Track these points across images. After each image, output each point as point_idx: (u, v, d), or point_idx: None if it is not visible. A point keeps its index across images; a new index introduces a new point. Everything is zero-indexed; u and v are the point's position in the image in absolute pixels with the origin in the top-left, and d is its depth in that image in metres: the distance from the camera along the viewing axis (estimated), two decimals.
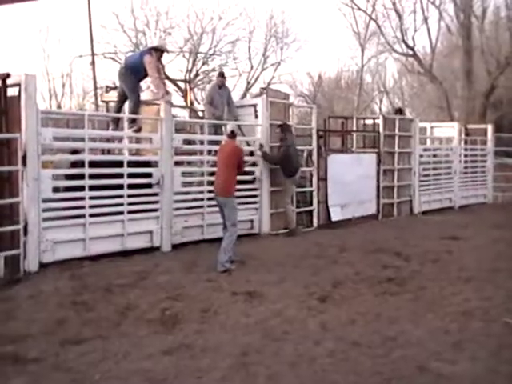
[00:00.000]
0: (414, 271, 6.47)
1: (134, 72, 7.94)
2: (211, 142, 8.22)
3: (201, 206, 7.92)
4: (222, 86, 9.47)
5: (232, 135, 6.98)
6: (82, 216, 6.61)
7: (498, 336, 4.39)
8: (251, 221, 8.66)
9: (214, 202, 7.15)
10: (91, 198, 6.69)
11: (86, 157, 6.75)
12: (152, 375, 3.61)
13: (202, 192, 7.98)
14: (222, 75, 9.97)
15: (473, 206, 13.09)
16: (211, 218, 7.81)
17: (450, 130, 13.61)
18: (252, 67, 26.73)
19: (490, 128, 14.38)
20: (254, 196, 8.78)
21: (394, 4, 22.71)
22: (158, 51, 8.14)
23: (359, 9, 25.01)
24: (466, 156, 13.47)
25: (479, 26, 20.69)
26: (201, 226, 7.90)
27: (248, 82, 26.82)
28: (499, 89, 20.14)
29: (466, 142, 13.86)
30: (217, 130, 8.77)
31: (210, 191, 7.60)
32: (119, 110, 8.49)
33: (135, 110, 8.07)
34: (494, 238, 8.67)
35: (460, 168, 13.07)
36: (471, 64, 20.55)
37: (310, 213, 9.64)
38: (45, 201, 6.30)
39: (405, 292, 5.61)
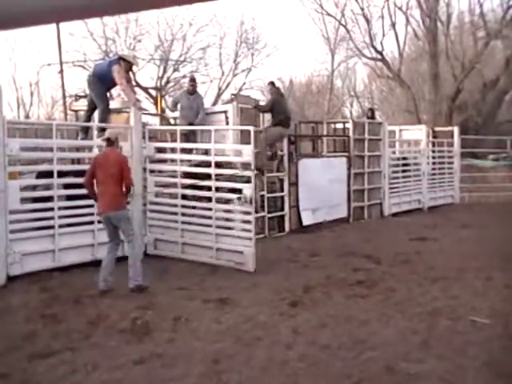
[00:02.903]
0: (384, 273, 6.57)
1: (102, 80, 7.90)
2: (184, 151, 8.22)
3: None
4: (193, 92, 9.49)
5: (110, 142, 5.99)
6: (51, 227, 6.54)
7: (464, 334, 4.49)
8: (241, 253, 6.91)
9: None
10: (60, 208, 6.63)
11: (55, 167, 6.69)
12: None
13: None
14: (192, 80, 10.00)
15: (441, 207, 13.35)
16: None
17: (417, 132, 13.87)
18: (223, 73, 26.84)
19: (456, 130, 14.70)
20: (248, 222, 7.05)
21: (362, 10, 23.08)
22: (127, 62, 8.10)
23: (328, 14, 25.29)
24: (433, 158, 13.74)
25: (444, 31, 21.15)
26: None
27: (219, 88, 26.89)
28: (464, 92, 20.60)
29: (433, 145, 14.13)
30: (189, 137, 8.79)
31: None
32: (89, 118, 8.42)
33: (104, 118, 8.02)
34: (461, 238, 8.88)
35: (428, 170, 13.32)
36: (437, 68, 21.00)
37: (282, 218, 9.70)
38: (12, 212, 6.21)
39: (375, 294, 5.69)
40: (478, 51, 20.28)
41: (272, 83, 9.97)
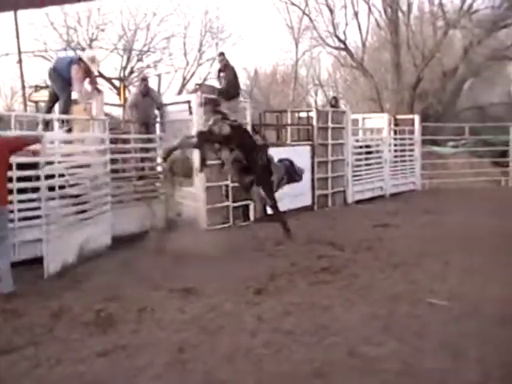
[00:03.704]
0: (347, 260, 6.70)
1: (62, 76, 7.76)
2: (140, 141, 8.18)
3: None
4: (145, 94, 9.35)
5: None
6: (11, 220, 6.39)
7: (423, 316, 4.64)
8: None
9: None
10: (20, 201, 6.48)
11: (13, 159, 6.52)
12: (86, 378, 3.59)
13: None
14: (144, 80, 9.90)
15: (403, 194, 13.64)
16: None
17: (380, 120, 14.10)
18: (188, 63, 26.56)
19: (416, 118, 15.01)
20: None
21: None
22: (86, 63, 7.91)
23: (292, 4, 25.27)
24: (395, 145, 14.00)
25: (405, 21, 21.43)
26: None
27: (184, 78, 26.61)
28: (425, 81, 20.96)
29: (395, 132, 14.40)
30: (147, 127, 8.73)
31: None
32: (50, 110, 8.25)
33: (66, 109, 7.87)
34: (422, 224, 9.12)
35: (390, 157, 13.57)
36: (399, 57, 21.26)
37: (246, 207, 9.74)
38: None
39: (338, 280, 5.80)
40: (437, 41, 20.65)
41: (224, 53, 9.80)
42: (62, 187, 6.64)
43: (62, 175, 6.70)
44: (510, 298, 5.00)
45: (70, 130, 7.75)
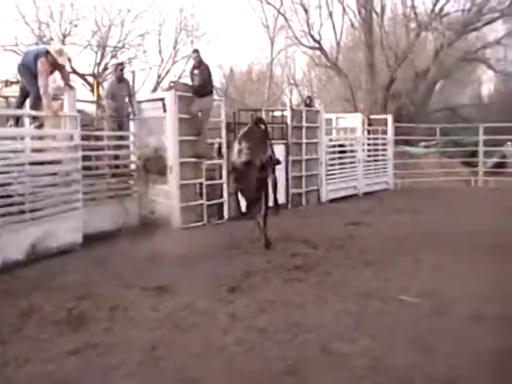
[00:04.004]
0: (321, 257, 6.74)
1: (30, 70, 7.60)
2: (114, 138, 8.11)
3: None
4: (121, 79, 9.35)
5: None
6: None
7: (394, 313, 4.69)
8: None
9: None
10: None
11: None
12: (56, 377, 3.53)
13: None
14: (120, 65, 9.83)
15: (376, 193, 13.81)
16: None
17: (353, 120, 14.25)
18: (162, 60, 26.34)
19: (389, 118, 15.21)
20: None
21: None
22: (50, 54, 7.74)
23: (268, 3, 25.33)
24: (368, 145, 14.17)
25: (379, 22, 21.69)
26: None
27: (159, 76, 26.38)
28: (398, 81, 21.29)
29: (368, 132, 14.56)
30: (120, 125, 8.65)
31: None
32: (20, 105, 8.08)
33: (36, 105, 7.72)
34: (394, 222, 9.24)
35: (363, 157, 13.72)
36: (373, 58, 21.53)
37: (221, 205, 9.74)
38: None
39: (311, 278, 5.83)
40: (409, 42, 20.99)
41: (198, 51, 9.73)
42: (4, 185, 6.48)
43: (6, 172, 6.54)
44: (479, 295, 5.10)
45: (41, 126, 7.61)
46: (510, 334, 4.14)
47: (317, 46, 23.32)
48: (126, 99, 9.37)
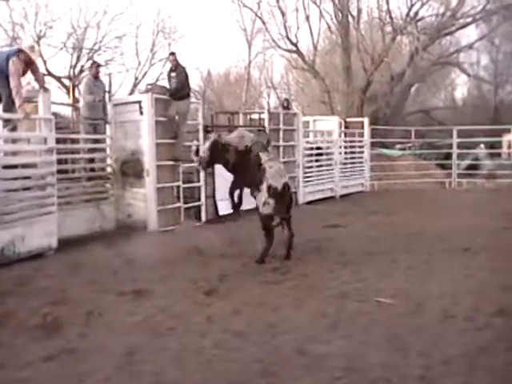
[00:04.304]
0: (298, 259, 6.78)
1: (2, 72, 7.47)
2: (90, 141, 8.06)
3: None
4: (97, 77, 9.31)
5: None
6: None
7: (370, 314, 4.76)
8: None
9: None
10: None
11: None
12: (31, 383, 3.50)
13: None
14: (95, 63, 9.79)
15: (352, 195, 13.94)
16: None
17: (330, 123, 14.37)
18: (139, 63, 26.22)
19: (366, 121, 15.40)
20: None
21: (277, 2, 23.32)
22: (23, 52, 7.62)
23: (245, 6, 25.40)
24: (345, 148, 14.31)
25: (355, 26, 21.92)
26: None
27: (136, 78, 26.26)
28: (374, 84, 21.54)
29: (345, 135, 14.70)
30: (96, 127, 8.60)
31: None
32: None
33: (9, 107, 7.60)
34: (370, 224, 9.35)
35: (340, 159, 13.85)
36: (349, 61, 21.74)
37: (198, 208, 9.73)
38: None
39: (288, 280, 5.88)
40: (385, 46, 21.26)
41: (174, 53, 9.76)
42: None
43: None
44: (451, 294, 5.21)
45: (14, 129, 7.51)
46: (480, 333, 4.23)
47: (294, 48, 23.46)
48: (101, 98, 9.35)
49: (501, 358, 3.77)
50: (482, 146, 17.89)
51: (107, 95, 9.67)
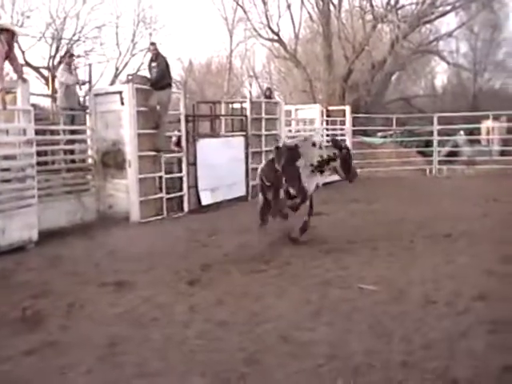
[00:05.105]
0: (280, 248, 6.79)
1: None
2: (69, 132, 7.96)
3: None
4: (70, 66, 9.21)
5: None
6: None
7: (352, 301, 4.79)
8: None
9: None
10: None
11: None
12: (12, 377, 3.46)
13: None
14: (70, 55, 9.67)
15: (334, 183, 13.92)
16: None
17: (312, 111, 14.37)
18: (120, 53, 25.87)
19: (347, 109, 15.43)
20: None
21: None
22: (5, 32, 7.43)
23: None
24: (327, 136, 14.31)
25: (336, 14, 21.87)
26: None
27: (116, 69, 25.92)
28: (356, 72, 21.55)
29: (327, 123, 14.72)
30: (74, 118, 8.50)
31: None
32: None
33: None
34: (352, 212, 9.41)
35: None
36: (331, 50, 21.69)
37: (180, 198, 9.68)
38: None
39: (271, 269, 5.89)
40: (366, 34, 21.25)
41: (155, 43, 9.74)
42: None
43: None
44: (432, 280, 5.26)
45: None
46: (461, 318, 4.29)
47: (275, 38, 23.34)
48: (77, 88, 9.25)
49: (481, 341, 3.82)
50: (461, 132, 18.06)
51: (87, 86, 9.54)
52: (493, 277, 5.31)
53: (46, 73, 23.05)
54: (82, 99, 9.52)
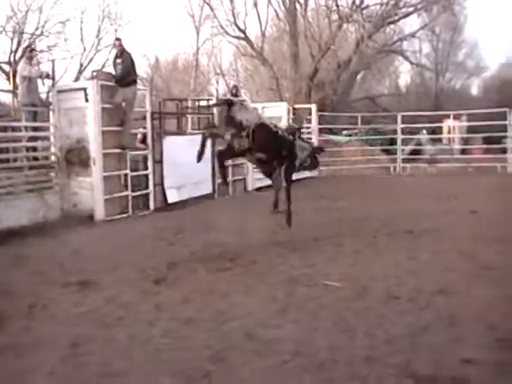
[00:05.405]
0: (246, 246, 6.81)
1: None
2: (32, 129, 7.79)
3: None
4: (32, 61, 9.02)
5: None
6: None
7: (318, 298, 4.83)
8: None
9: None
10: None
11: None
12: None
13: None
14: (31, 50, 9.48)
15: (302, 181, 14.05)
16: None
17: (279, 109, 14.44)
18: (85, 49, 25.40)
19: (313, 108, 15.56)
20: None
21: None
22: None
23: None
24: None
25: (302, 13, 22.02)
26: None
27: (81, 65, 25.43)
28: (322, 71, 21.76)
29: (293, 121, 14.78)
30: (36, 115, 8.33)
31: None
32: None
33: None
34: (319, 209, 9.52)
35: None
36: (297, 48, 21.84)
37: (146, 196, 9.60)
38: None
39: (237, 266, 5.89)
40: (332, 33, 21.47)
41: (120, 39, 9.65)
42: None
43: None
44: (395, 276, 5.37)
45: None
46: (422, 313, 4.39)
47: (242, 35, 23.33)
48: (40, 83, 9.06)
49: (442, 336, 3.92)
50: (424, 131, 18.46)
51: (50, 81, 9.35)
52: (453, 273, 5.46)
53: (7, 68, 22.45)
54: (44, 95, 9.32)
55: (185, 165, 10.15)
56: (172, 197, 9.99)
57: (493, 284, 5.06)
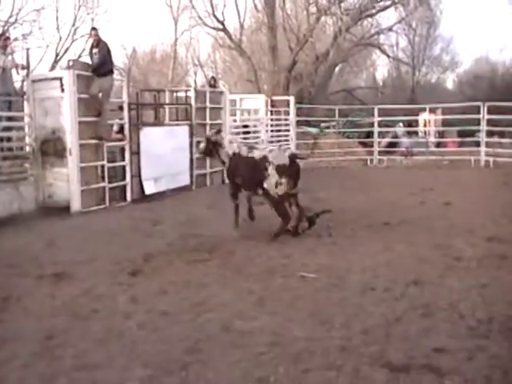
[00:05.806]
0: (223, 238, 6.77)
1: None
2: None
3: None
4: (6, 49, 8.83)
5: None
6: None
7: (295, 289, 4.87)
8: None
9: None
10: None
11: None
12: None
13: None
14: (5, 38, 9.29)
15: None
16: None
17: (257, 101, 14.43)
18: (60, 38, 24.92)
19: (292, 100, 15.58)
20: None
21: None
22: None
23: None
24: (271, 126, 14.44)
25: (281, 5, 21.98)
26: None
27: (57, 54, 24.96)
28: (300, 63, 21.80)
29: (271, 113, 14.83)
30: (11, 104, 8.17)
31: None
32: None
33: None
34: None
35: (267, 137, 13.97)
36: (275, 40, 21.81)
37: (123, 187, 9.50)
38: None
39: (214, 258, 5.89)
40: (310, 26, 21.50)
41: (96, 29, 9.56)
42: None
43: None
44: (371, 268, 5.43)
45: None
46: (397, 303, 4.46)
47: (220, 27, 23.19)
48: (14, 72, 8.89)
49: (415, 325, 3.99)
50: (400, 124, 18.66)
51: (25, 71, 9.18)
52: (427, 264, 5.55)
53: None
54: (19, 84, 9.14)
55: (162, 156, 10.12)
56: (149, 188, 9.90)
57: (465, 275, 5.17)
